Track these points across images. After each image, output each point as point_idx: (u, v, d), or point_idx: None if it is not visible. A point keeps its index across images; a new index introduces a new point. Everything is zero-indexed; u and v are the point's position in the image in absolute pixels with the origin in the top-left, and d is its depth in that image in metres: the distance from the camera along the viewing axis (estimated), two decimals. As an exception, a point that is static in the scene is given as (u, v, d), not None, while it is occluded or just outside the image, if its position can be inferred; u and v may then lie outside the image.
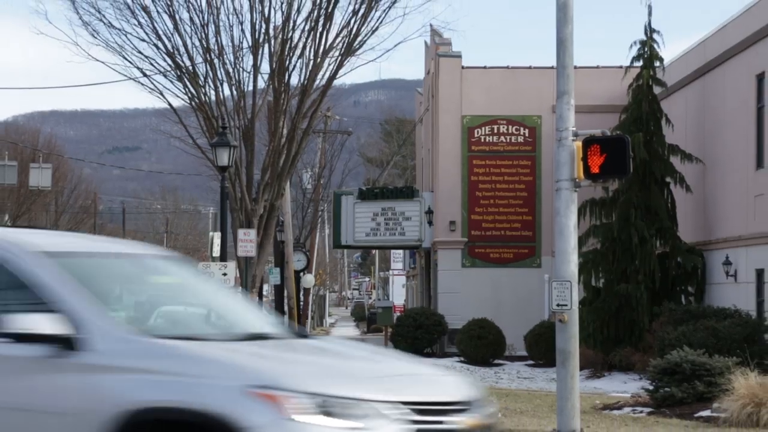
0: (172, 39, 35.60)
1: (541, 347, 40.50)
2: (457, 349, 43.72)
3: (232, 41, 35.97)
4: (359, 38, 35.66)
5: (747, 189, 35.41)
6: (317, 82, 36.35)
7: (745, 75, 35.76)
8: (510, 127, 46.98)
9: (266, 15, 35.34)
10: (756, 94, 35.03)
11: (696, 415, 22.95)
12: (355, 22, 35.46)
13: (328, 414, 8.65)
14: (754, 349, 29.91)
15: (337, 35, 35.79)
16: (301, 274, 58.89)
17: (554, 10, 19.32)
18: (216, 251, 36.43)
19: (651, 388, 25.17)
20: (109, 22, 35.86)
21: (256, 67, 36.11)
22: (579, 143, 19.00)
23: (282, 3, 35.40)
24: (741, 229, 35.61)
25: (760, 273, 34.39)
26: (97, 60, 37.13)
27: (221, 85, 36.17)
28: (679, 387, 24.17)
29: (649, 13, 38.97)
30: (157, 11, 35.57)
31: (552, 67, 23.06)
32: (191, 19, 35.55)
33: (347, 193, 51.24)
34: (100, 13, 35.91)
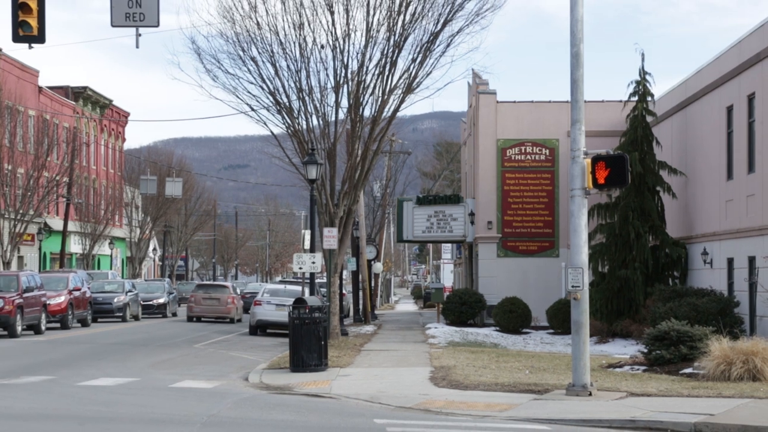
0: (273, 82, 35.76)
1: (559, 319, 40.31)
2: (493, 321, 43.61)
3: (319, 83, 36.08)
4: (417, 80, 35.63)
5: (720, 195, 35.13)
6: (384, 114, 36.36)
7: (718, 107, 35.48)
8: (534, 148, 46.83)
9: (345, 62, 35.41)
10: (726, 122, 34.76)
11: (681, 372, 22.79)
12: (413, 67, 35.45)
13: None
14: (726, 320, 29.71)
15: (400, 77, 35.78)
16: (372, 262, 58.98)
17: (569, 57, 19.30)
18: (307, 245, 36.54)
19: (645, 351, 25.00)
20: (226, 70, 36.07)
21: (337, 103, 36.18)
22: (588, 160, 18.96)
23: (357, 53, 35.45)
24: (715, 227, 35.32)
25: (730, 261, 34.11)
26: (217, 98, 37.38)
27: (311, 116, 36.28)
28: (667, 350, 24.00)
29: (642, 59, 38.92)
30: (262, 61, 35.74)
31: (567, 102, 22.97)
32: (288, 66, 35.69)
33: (408, 200, 51.22)
34: (219, 62, 36.13)
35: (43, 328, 38.16)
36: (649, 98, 38.93)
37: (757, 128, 31.77)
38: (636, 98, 38.86)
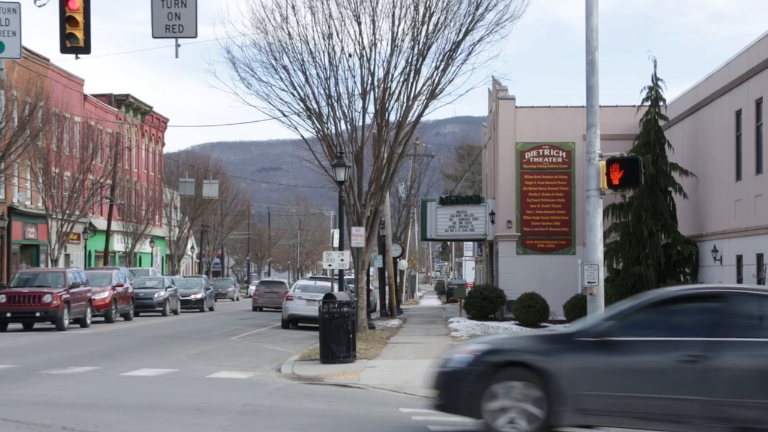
0: (303, 89, 35.80)
1: (576, 313, 40.05)
2: (513, 315, 43.48)
3: (347, 90, 36.09)
4: (440, 86, 35.57)
5: (729, 195, 34.95)
6: (409, 119, 36.31)
7: (727, 111, 35.29)
8: (551, 150, 46.69)
9: (372, 70, 35.42)
10: (735, 125, 34.58)
11: (692, 363, 22.62)
12: (437, 74, 35.41)
13: None
14: (735, 314, 29.48)
15: (424, 84, 35.74)
16: (398, 259, 58.95)
17: (584, 64, 19.25)
18: (336, 243, 36.56)
19: (658, 343, 24.81)
20: (259, 78, 36.11)
21: (364, 109, 36.21)
22: (603, 162, 18.91)
23: (383, 61, 35.47)
24: (725, 225, 35.14)
25: (739, 258, 33.91)
26: (250, 105, 37.59)
27: (339, 122, 36.29)
28: (679, 343, 23.83)
29: (655, 66, 38.77)
30: (293, 69, 35.78)
31: (582, 106, 22.87)
32: (318, 74, 35.71)
33: (431, 200, 51.19)
34: (252, 71, 36.18)
35: (88, 321, 38.40)
36: (662, 103, 38.77)
37: (765, 131, 31.60)
38: (649, 103, 38.69)
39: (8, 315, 35.66)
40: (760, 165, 32.12)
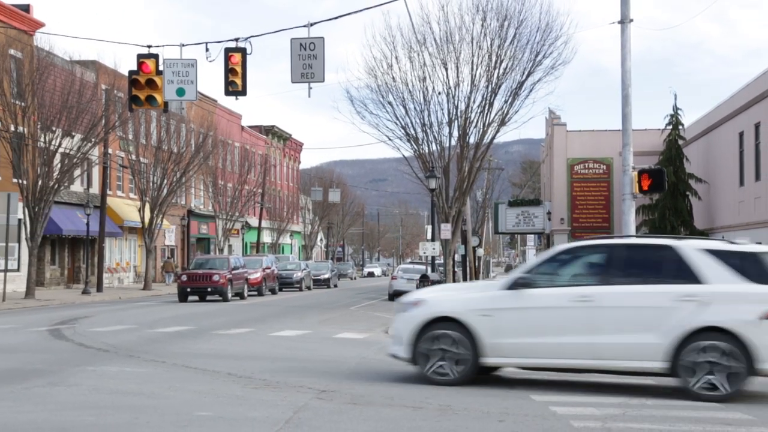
0: (404, 119, 35.90)
1: (614, 289, 39.37)
2: (564, 290, 42.84)
3: (437, 119, 36.09)
4: (508, 116, 35.33)
5: (734, 198, 33.97)
6: (484, 141, 36.14)
7: (732, 132, 34.33)
8: (595, 164, 45.95)
9: (455, 104, 35.34)
10: (739, 143, 33.62)
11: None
12: (505, 107, 35.18)
13: None
14: (741, 291, 28.67)
15: (495, 114, 35.53)
16: (476, 248, 58.59)
17: (620, 98, 18.94)
18: (429, 236, 36.62)
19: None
20: (370, 111, 36.37)
21: (450, 134, 36.14)
22: (635, 173, 18.59)
23: (464, 97, 35.37)
24: (731, 221, 34.17)
25: (743, 247, 32.92)
26: (364, 131, 38.50)
27: (431, 144, 36.30)
28: (695, 312, 23.23)
29: (675, 98, 38.24)
30: (396, 104, 35.92)
31: (619, 130, 22.44)
32: (414, 108, 35.80)
33: (502, 203, 50.81)
34: (365, 106, 36.48)
35: (245, 295, 39.06)
36: (681, 127, 37.98)
37: (762, 148, 30.68)
38: (671, 127, 37.96)
39: (188, 290, 36.52)
40: (758, 174, 31.17)
